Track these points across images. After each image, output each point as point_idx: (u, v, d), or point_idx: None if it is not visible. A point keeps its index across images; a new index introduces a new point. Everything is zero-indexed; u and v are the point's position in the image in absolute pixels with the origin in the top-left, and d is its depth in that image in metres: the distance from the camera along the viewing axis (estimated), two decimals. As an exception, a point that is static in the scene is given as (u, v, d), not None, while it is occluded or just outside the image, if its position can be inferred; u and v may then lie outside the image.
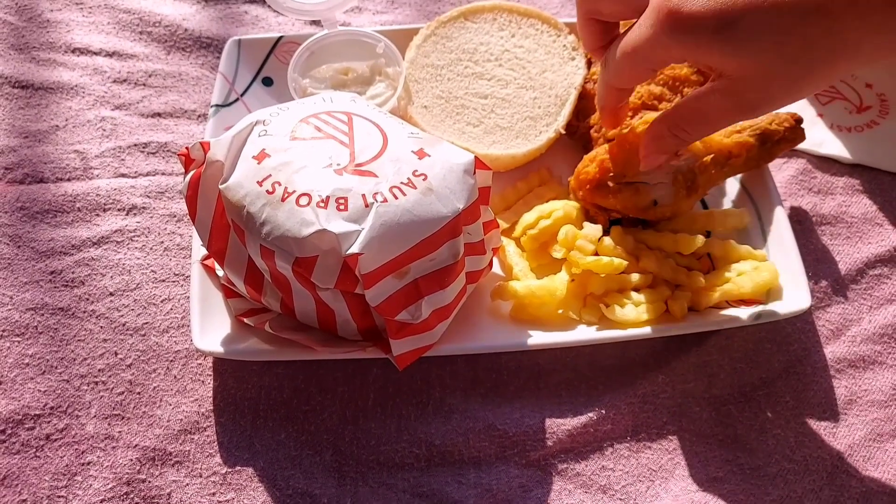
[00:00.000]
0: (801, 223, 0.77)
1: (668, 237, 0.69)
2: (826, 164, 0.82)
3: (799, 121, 0.73)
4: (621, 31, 0.61)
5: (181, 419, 0.66)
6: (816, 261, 0.75)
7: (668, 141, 0.61)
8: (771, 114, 0.72)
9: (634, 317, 0.65)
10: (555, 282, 0.67)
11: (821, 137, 0.83)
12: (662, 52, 0.54)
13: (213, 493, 0.63)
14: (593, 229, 0.70)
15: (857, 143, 0.82)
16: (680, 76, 0.73)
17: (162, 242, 0.76)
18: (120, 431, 0.65)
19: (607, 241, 0.69)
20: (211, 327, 0.65)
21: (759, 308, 0.67)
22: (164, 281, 0.73)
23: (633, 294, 0.67)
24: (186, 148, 0.61)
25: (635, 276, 0.68)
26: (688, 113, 0.59)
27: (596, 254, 0.68)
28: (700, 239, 0.68)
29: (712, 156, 0.69)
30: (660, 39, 0.53)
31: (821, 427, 0.66)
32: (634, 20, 0.57)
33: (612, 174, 0.68)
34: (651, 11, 0.53)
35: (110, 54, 0.90)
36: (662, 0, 0.52)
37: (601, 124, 0.68)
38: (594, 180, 0.69)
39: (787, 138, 0.72)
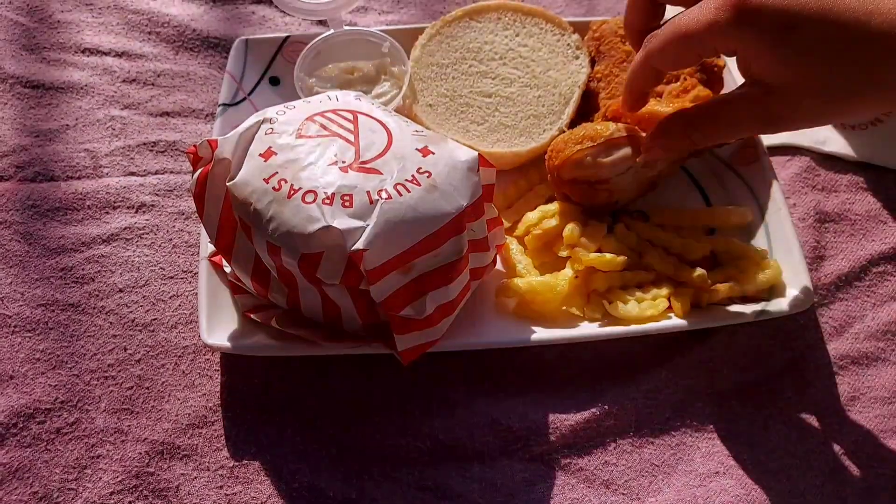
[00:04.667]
0: (805, 220, 0.77)
1: (674, 238, 0.70)
2: (830, 161, 0.82)
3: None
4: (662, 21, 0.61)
5: (189, 413, 0.67)
6: (819, 258, 0.75)
7: (679, 140, 0.61)
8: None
9: (637, 313, 0.66)
10: (557, 278, 0.67)
11: (825, 135, 0.83)
12: (719, 39, 0.53)
13: (221, 487, 0.63)
14: (597, 227, 0.70)
15: (861, 141, 0.82)
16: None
17: (170, 240, 0.77)
18: (129, 425, 0.66)
19: (611, 238, 0.69)
20: (218, 323, 0.66)
21: (762, 305, 0.67)
22: (172, 277, 0.74)
23: (637, 291, 0.68)
24: (194, 146, 0.62)
25: (639, 273, 0.69)
26: (710, 116, 0.58)
27: (599, 250, 0.68)
28: (707, 248, 0.69)
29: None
30: (720, 26, 0.52)
31: (823, 423, 0.66)
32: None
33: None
34: None
35: (119, 54, 0.91)
36: None
37: (622, 108, 0.68)
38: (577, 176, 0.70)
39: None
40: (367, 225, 0.56)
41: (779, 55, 0.51)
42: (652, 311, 0.66)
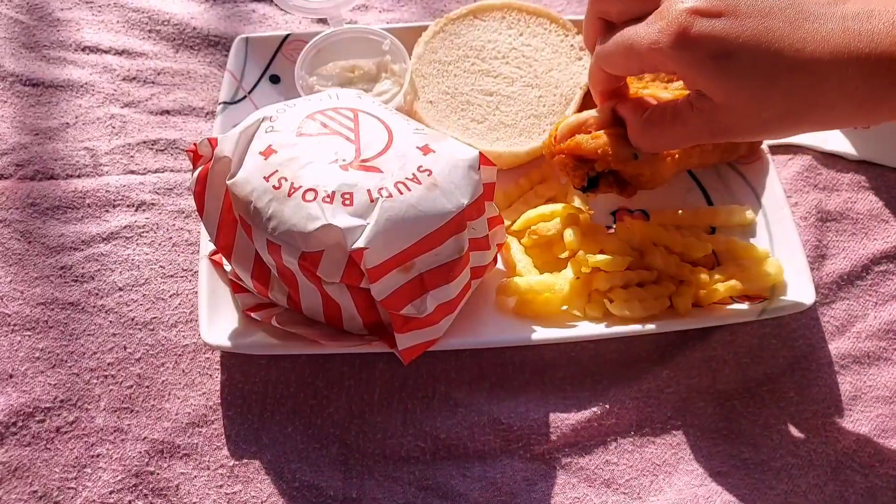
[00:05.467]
0: (806, 219, 0.77)
1: (675, 238, 0.70)
2: (831, 160, 0.82)
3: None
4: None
5: (189, 412, 0.67)
6: (821, 257, 0.75)
7: (637, 138, 0.64)
8: None
9: (639, 312, 0.66)
10: (557, 277, 0.67)
11: (826, 134, 0.83)
12: (659, 58, 0.56)
13: (221, 486, 0.63)
14: (597, 228, 0.70)
15: (862, 140, 0.82)
16: None
17: (170, 238, 0.77)
18: (129, 424, 0.66)
19: (612, 237, 0.69)
20: (218, 322, 0.66)
21: (764, 304, 0.67)
22: (172, 276, 0.74)
23: (638, 290, 0.67)
24: (194, 144, 0.62)
25: (640, 272, 0.68)
26: (660, 120, 0.61)
27: (601, 252, 0.68)
28: (709, 247, 0.69)
29: None
30: (661, 47, 0.54)
31: (825, 423, 0.66)
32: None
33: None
34: (662, 18, 0.55)
35: (119, 52, 0.91)
36: (678, 12, 0.54)
37: (595, 101, 0.69)
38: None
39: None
40: (368, 223, 0.56)
41: (717, 80, 0.54)
42: (653, 311, 0.66)
